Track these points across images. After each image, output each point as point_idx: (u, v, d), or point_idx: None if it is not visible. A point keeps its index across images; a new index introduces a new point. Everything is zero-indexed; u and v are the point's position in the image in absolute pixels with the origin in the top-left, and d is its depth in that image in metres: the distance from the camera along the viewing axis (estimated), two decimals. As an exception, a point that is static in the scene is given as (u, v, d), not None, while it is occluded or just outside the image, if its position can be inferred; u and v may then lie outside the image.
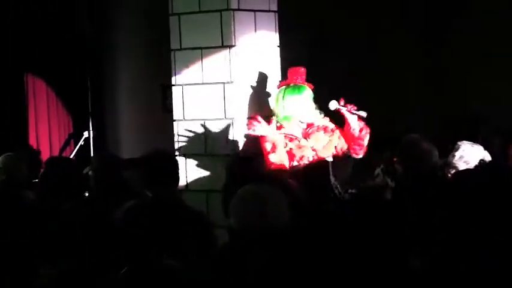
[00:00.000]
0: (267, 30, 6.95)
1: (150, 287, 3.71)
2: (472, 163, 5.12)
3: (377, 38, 8.81)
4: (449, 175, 5.20)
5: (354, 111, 6.33)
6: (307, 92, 6.50)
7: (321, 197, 5.31)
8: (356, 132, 6.38)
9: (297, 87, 6.50)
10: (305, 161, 6.33)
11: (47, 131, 9.50)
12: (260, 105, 6.84)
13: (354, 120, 6.36)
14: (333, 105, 6.33)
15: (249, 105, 6.79)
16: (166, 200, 4.80)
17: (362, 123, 6.39)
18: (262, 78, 6.88)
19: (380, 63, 8.84)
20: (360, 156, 6.45)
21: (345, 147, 6.47)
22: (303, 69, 6.57)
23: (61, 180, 5.08)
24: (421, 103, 8.60)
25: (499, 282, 3.27)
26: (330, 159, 6.34)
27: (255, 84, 6.82)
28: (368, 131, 6.42)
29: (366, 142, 6.42)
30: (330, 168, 6.14)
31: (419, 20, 8.86)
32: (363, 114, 6.31)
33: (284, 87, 6.55)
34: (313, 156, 6.35)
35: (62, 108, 9.63)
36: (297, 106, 6.44)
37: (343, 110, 6.33)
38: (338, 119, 6.53)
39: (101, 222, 3.54)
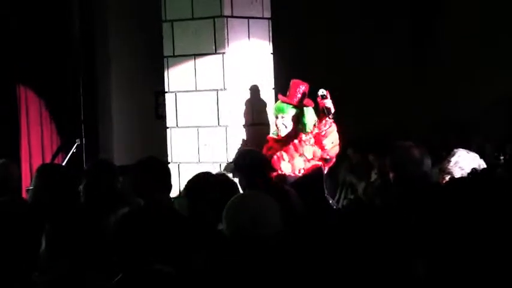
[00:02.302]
0: (260, 38, 6.98)
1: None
2: (467, 170, 5.14)
3: (370, 43, 8.86)
4: (444, 181, 5.24)
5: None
6: (292, 112, 6.53)
7: (316, 206, 5.33)
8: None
9: (282, 106, 6.55)
10: (296, 173, 6.41)
11: (39, 138, 9.48)
12: (254, 112, 6.89)
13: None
14: (322, 92, 6.41)
15: (242, 112, 6.83)
16: (159, 207, 4.81)
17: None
18: (256, 86, 6.92)
19: (374, 68, 8.88)
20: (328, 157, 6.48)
21: (318, 153, 6.50)
22: (303, 87, 6.57)
23: (53, 187, 5.09)
24: (411, 106, 8.64)
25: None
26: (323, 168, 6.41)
27: (248, 91, 6.86)
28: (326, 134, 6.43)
29: (326, 144, 6.41)
30: (324, 179, 6.23)
31: (408, 22, 8.91)
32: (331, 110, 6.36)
33: (279, 102, 6.62)
34: (303, 168, 6.40)
35: (54, 115, 9.60)
36: (285, 123, 6.55)
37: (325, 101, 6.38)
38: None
39: (94, 230, 3.56)
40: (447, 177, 5.24)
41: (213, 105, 6.78)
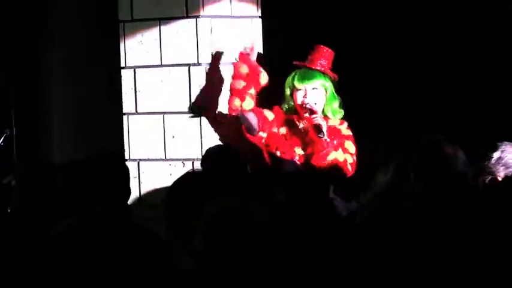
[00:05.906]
0: (246, -4, 7.02)
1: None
2: (512, 168, 5.21)
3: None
4: (483, 184, 5.30)
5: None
6: (320, 82, 6.53)
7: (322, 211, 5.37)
8: None
9: (308, 74, 6.54)
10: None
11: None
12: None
13: None
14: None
15: (222, 94, 6.80)
16: (114, 218, 4.81)
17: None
18: (239, 60, 6.92)
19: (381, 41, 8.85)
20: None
21: None
22: (329, 52, 6.59)
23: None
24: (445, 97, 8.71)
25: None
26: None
27: (229, 67, 6.80)
28: None
29: None
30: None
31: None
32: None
33: (296, 71, 6.59)
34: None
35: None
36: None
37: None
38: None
39: (30, 246, 3.57)
40: (488, 178, 5.30)
41: (184, 84, 6.81)
